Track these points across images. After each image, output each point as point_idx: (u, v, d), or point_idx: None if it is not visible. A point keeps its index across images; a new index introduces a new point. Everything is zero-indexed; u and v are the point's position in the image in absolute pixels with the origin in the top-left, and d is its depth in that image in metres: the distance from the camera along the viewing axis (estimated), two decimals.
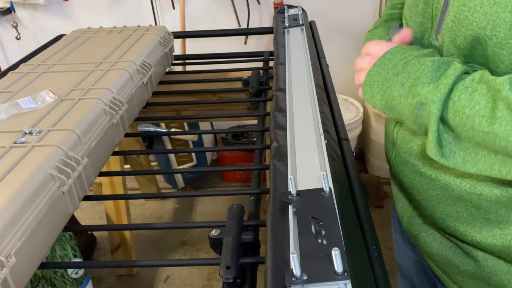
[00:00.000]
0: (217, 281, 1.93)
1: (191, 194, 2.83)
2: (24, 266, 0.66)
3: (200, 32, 2.03)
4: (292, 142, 0.81)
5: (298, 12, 1.49)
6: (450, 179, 0.69)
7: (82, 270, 1.24)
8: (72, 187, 0.78)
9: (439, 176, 0.71)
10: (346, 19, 2.33)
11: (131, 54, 1.20)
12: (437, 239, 0.81)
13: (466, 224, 0.71)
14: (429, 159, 0.71)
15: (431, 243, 0.82)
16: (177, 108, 1.43)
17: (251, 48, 2.35)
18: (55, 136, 0.82)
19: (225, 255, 0.66)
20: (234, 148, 2.71)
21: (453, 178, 0.69)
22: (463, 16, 0.60)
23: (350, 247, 0.58)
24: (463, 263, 0.76)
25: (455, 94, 0.57)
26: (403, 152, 0.78)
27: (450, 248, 0.78)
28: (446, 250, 0.79)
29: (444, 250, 0.79)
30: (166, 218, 2.34)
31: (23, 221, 0.66)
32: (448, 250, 0.79)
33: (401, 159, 0.79)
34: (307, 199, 0.64)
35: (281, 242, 0.59)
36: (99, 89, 1.01)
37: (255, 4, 2.31)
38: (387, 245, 1.14)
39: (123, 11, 2.36)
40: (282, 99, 0.99)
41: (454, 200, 0.70)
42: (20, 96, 0.99)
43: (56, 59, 1.21)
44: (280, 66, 1.17)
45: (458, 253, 0.77)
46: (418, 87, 0.61)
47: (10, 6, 2.26)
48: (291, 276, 0.49)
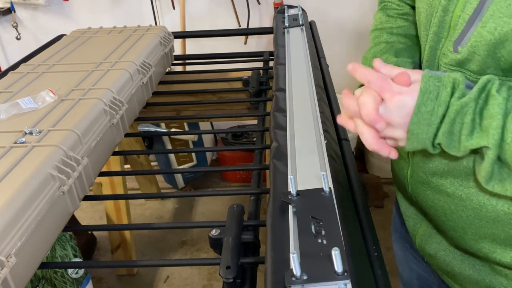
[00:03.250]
0: (217, 281, 1.93)
1: (191, 194, 2.83)
2: (24, 266, 0.66)
3: (200, 32, 2.03)
4: (292, 142, 0.81)
5: (298, 12, 1.49)
6: (484, 198, 0.64)
7: (82, 270, 1.24)
8: (72, 187, 0.78)
9: (471, 196, 0.66)
10: (346, 19, 2.33)
11: (131, 54, 1.20)
12: (457, 257, 0.76)
13: (505, 245, 0.66)
14: (458, 178, 0.67)
15: (451, 261, 0.78)
16: (177, 108, 1.43)
17: (251, 48, 2.35)
18: (55, 136, 0.82)
19: (225, 255, 0.66)
20: (234, 148, 2.71)
21: (488, 197, 0.64)
22: (507, 29, 0.55)
23: (350, 247, 0.58)
24: (492, 281, 0.72)
25: (507, 136, 0.53)
26: (423, 172, 0.73)
27: (474, 267, 0.74)
28: (469, 269, 0.75)
29: (468, 269, 0.75)
30: (166, 218, 2.34)
31: (23, 221, 0.66)
32: (472, 268, 0.74)
33: (420, 179, 0.74)
34: (307, 199, 0.64)
35: (281, 242, 0.59)
36: (99, 89, 1.01)
37: (255, 4, 2.31)
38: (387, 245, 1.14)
39: (123, 11, 2.36)
40: (282, 99, 0.99)
41: (489, 221, 0.65)
42: (20, 96, 0.99)
43: (56, 59, 1.21)
44: (280, 66, 1.17)
45: (485, 272, 0.73)
46: (465, 141, 0.56)
47: (10, 6, 2.26)
48: (291, 276, 0.50)
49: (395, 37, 0.82)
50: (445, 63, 0.66)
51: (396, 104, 0.58)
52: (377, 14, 0.89)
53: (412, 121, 0.57)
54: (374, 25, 0.87)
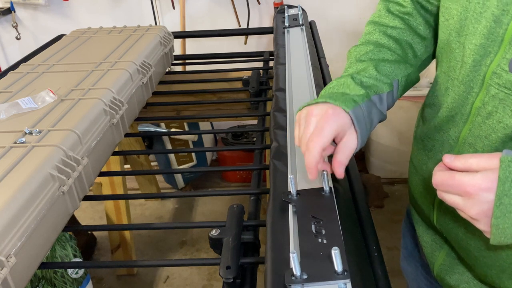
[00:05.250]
0: (217, 281, 1.93)
1: (191, 194, 2.83)
2: (24, 266, 0.66)
3: (200, 32, 2.03)
4: (292, 142, 0.81)
5: (298, 12, 1.49)
6: None
7: (82, 270, 1.24)
8: (72, 187, 0.78)
9: None
10: (346, 19, 2.33)
11: (131, 54, 1.20)
12: None
13: None
14: None
15: None
16: (177, 108, 1.43)
17: (251, 48, 2.35)
18: (55, 136, 0.82)
19: (225, 255, 0.66)
20: (234, 148, 2.70)
21: None
22: None
23: (350, 246, 0.58)
24: None
25: None
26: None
27: None
28: None
29: None
30: (166, 218, 2.34)
31: (23, 221, 0.66)
32: None
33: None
34: (307, 199, 0.64)
35: (281, 242, 0.59)
36: (99, 89, 1.01)
37: (255, 4, 2.31)
38: (387, 245, 1.15)
39: (123, 11, 2.36)
40: (282, 99, 0.99)
41: None
42: (20, 96, 0.99)
43: (56, 59, 1.21)
44: (280, 66, 1.17)
45: None
46: None
47: (10, 6, 2.26)
48: (291, 275, 0.50)
49: (386, 40, 0.76)
50: (498, 84, 0.58)
51: (475, 199, 0.50)
52: (380, 3, 0.82)
53: (495, 215, 0.49)
54: (372, 16, 0.82)
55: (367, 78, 0.70)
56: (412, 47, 0.77)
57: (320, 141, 0.61)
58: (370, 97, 0.68)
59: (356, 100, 0.65)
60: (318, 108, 0.65)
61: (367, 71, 0.71)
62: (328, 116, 0.63)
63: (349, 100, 0.65)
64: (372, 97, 0.68)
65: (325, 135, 0.62)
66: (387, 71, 0.72)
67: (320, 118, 0.63)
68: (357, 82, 0.69)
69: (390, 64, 0.73)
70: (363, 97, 0.67)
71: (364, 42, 0.78)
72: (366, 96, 0.67)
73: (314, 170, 0.62)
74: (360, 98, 0.66)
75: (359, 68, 0.72)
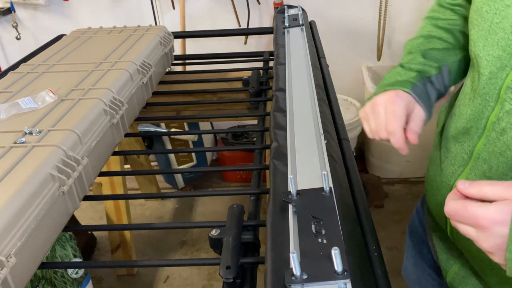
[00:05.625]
0: (217, 281, 1.93)
1: (191, 194, 2.83)
2: (24, 266, 0.66)
3: (200, 32, 2.03)
4: (292, 142, 0.81)
5: (298, 12, 1.49)
6: None
7: (82, 270, 1.24)
8: (72, 187, 0.78)
9: None
10: (346, 19, 2.32)
11: (131, 54, 1.20)
12: None
13: None
14: None
15: None
16: (177, 108, 1.43)
17: (251, 48, 2.35)
18: (55, 136, 0.82)
19: (225, 255, 0.66)
20: (234, 148, 2.70)
21: None
22: None
23: (350, 246, 0.58)
24: None
25: None
26: None
27: None
28: None
29: None
30: (166, 218, 2.34)
31: (23, 221, 0.66)
32: None
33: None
34: (307, 199, 0.64)
35: (281, 241, 0.59)
36: (99, 89, 1.01)
37: (255, 4, 2.31)
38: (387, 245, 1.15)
39: (123, 11, 2.36)
40: (282, 99, 0.99)
41: None
42: (20, 96, 0.99)
43: (56, 59, 1.21)
44: (280, 66, 1.17)
45: None
46: None
47: (10, 6, 2.26)
48: (291, 275, 0.50)
49: (438, 32, 0.80)
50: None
51: (489, 233, 0.48)
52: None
53: (509, 249, 0.47)
54: (427, 12, 0.86)
55: (415, 64, 0.76)
56: (465, 34, 0.77)
57: (397, 120, 0.68)
58: (421, 78, 0.75)
59: (411, 81, 0.73)
60: (380, 97, 0.72)
61: (416, 59, 0.77)
62: (393, 99, 0.70)
63: (405, 82, 0.73)
64: (422, 78, 0.75)
65: (398, 114, 0.69)
66: (435, 57, 0.77)
67: (387, 104, 0.70)
68: (407, 69, 0.76)
69: (438, 51, 0.78)
70: (416, 78, 0.74)
71: (417, 36, 0.83)
72: (419, 77, 0.74)
73: (404, 147, 0.69)
74: (414, 79, 0.74)
75: (408, 59, 0.78)
